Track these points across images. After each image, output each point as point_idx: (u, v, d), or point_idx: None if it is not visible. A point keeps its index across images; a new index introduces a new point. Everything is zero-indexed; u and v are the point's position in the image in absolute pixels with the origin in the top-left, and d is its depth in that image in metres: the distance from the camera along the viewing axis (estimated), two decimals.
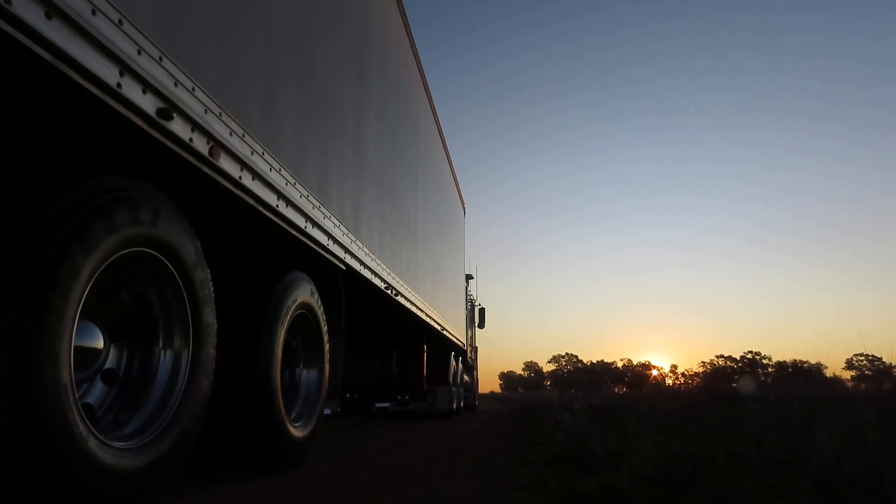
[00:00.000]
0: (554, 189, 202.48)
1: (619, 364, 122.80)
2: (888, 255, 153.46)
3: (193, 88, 2.35)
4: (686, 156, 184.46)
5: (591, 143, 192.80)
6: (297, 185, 3.43)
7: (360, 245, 4.79)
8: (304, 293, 3.84)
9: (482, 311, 16.28)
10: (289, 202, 3.31)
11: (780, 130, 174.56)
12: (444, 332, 9.90)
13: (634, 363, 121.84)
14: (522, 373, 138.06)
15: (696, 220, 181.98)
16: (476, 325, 16.10)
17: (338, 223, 4.20)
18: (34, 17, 1.59)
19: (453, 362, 11.66)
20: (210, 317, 2.70)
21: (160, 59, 2.13)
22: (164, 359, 2.49)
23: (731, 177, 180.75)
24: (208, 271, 2.70)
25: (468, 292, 14.87)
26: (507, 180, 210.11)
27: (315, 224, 3.73)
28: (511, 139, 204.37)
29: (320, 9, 3.91)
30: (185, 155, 2.36)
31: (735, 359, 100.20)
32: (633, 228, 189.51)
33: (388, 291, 5.78)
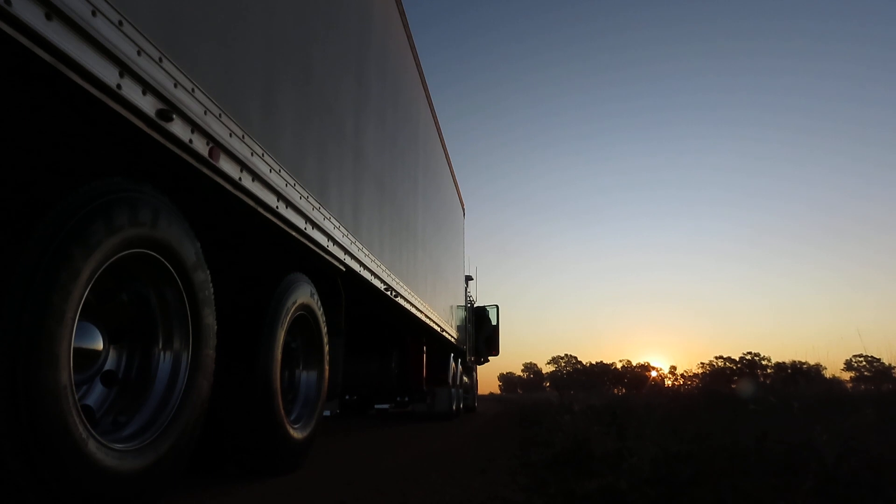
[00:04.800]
0: (554, 190, 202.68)
1: (619, 365, 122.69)
2: (888, 255, 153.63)
3: (193, 89, 2.35)
4: (684, 157, 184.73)
5: (589, 144, 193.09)
6: (297, 187, 3.43)
7: (360, 246, 4.79)
8: (304, 294, 3.83)
9: (496, 332, 16.21)
10: (289, 203, 3.31)
11: (779, 131, 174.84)
12: (444, 333, 9.90)
13: (633, 364, 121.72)
14: (522, 374, 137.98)
15: (695, 222, 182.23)
16: (474, 325, 16.05)
17: (337, 224, 4.20)
18: (34, 18, 1.59)
19: (452, 363, 11.65)
20: (210, 318, 2.70)
21: (160, 60, 2.13)
22: (164, 360, 2.49)
23: (730, 178, 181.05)
24: (208, 272, 2.70)
25: (468, 294, 14.85)
26: (506, 182, 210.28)
27: (315, 225, 3.73)
28: (510, 141, 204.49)
29: (320, 10, 3.90)
30: (184, 156, 2.36)
31: (734, 360, 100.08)
32: (633, 229, 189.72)
33: (388, 293, 5.78)
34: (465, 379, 14.42)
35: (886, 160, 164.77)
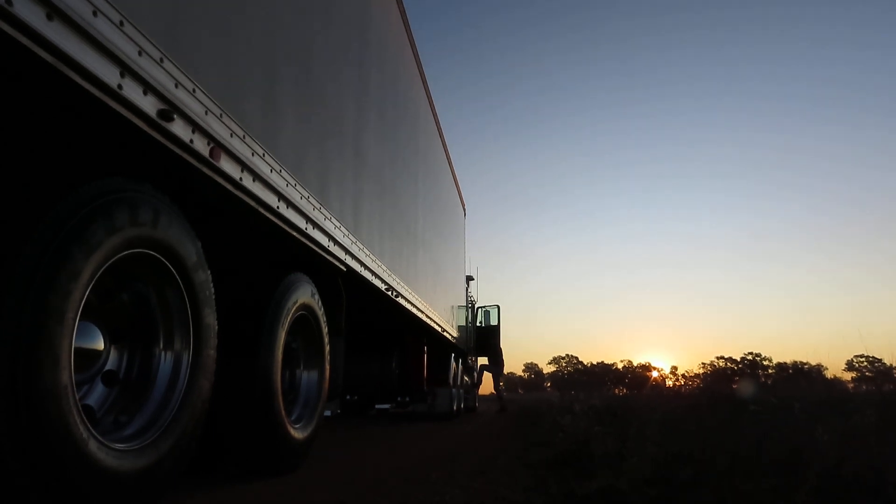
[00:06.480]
0: (554, 190, 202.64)
1: (620, 365, 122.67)
2: (890, 255, 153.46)
3: (194, 90, 2.35)
4: (686, 156, 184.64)
5: (590, 143, 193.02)
6: (298, 187, 3.43)
7: (361, 246, 4.79)
8: (305, 294, 3.83)
9: (497, 332, 16.15)
10: (289, 203, 3.31)
11: (781, 130, 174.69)
12: (445, 333, 9.90)
13: (634, 364, 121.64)
14: (522, 374, 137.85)
15: (697, 221, 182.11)
16: (477, 323, 16.03)
17: (338, 224, 4.20)
18: (35, 18, 1.59)
19: (453, 364, 11.66)
20: (210, 318, 2.70)
21: (161, 60, 2.13)
22: (165, 360, 2.49)
23: (731, 177, 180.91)
24: (209, 272, 2.70)
25: (469, 294, 14.85)
26: (507, 182, 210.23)
27: (316, 225, 3.73)
28: (511, 140, 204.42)
29: (319, 9, 3.91)
30: (185, 156, 2.36)
31: (735, 360, 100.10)
32: (634, 229, 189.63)
33: (389, 293, 5.78)
34: (466, 379, 14.43)
35: (888, 160, 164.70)
